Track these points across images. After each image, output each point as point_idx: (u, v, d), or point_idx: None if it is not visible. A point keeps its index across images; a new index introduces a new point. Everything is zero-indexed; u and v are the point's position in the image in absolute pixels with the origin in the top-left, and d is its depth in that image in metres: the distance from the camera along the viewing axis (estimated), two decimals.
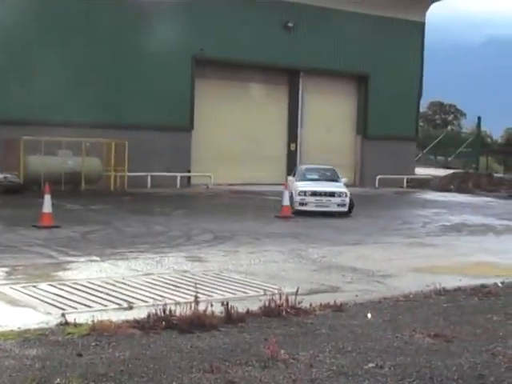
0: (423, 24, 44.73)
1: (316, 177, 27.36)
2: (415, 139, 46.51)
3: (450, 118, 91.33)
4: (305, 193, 24.99)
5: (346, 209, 24.95)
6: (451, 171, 47.39)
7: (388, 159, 41.78)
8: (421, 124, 66.14)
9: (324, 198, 24.92)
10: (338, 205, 24.91)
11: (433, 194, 38.09)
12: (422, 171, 47.95)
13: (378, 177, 41.41)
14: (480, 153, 58.47)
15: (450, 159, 62.44)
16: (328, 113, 42.14)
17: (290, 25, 39.33)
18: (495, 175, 46.57)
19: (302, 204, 24.84)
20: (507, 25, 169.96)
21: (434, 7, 45.05)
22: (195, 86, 36.84)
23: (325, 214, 24.46)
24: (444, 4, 46.22)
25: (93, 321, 8.73)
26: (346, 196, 25.02)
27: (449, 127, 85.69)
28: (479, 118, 58.87)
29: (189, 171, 36.71)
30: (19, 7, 31.13)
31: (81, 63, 33.02)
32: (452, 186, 41.41)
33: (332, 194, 25.02)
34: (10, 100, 31.34)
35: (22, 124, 30.53)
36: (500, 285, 12.46)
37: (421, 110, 54.91)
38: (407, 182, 42.79)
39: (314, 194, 25.00)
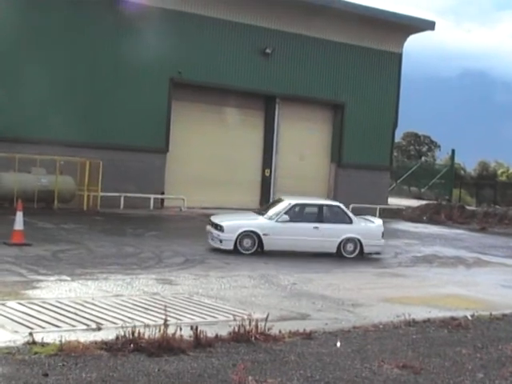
0: (400, 55, 45.09)
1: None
2: (389, 169, 46.71)
3: (425, 149, 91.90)
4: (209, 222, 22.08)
5: (223, 246, 20.61)
6: (424, 202, 47.65)
7: (362, 188, 41.93)
8: (395, 154, 66.49)
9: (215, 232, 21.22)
10: (220, 240, 20.79)
11: (405, 225, 38.21)
12: (395, 201, 48.14)
13: (351, 205, 41.44)
14: (453, 185, 58.89)
15: (423, 190, 62.78)
16: (303, 140, 42.24)
17: (267, 51, 39.50)
18: (468, 208, 46.87)
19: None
20: (482, 58, 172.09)
21: (411, 39, 45.48)
22: (172, 108, 36.83)
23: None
24: (421, 36, 46.60)
25: (60, 341, 8.66)
26: (223, 231, 20.75)
27: (423, 158, 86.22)
28: (453, 151, 59.31)
29: (162, 193, 36.60)
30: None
31: (58, 80, 32.89)
32: (424, 217, 41.61)
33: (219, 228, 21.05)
34: None
35: None
36: (470, 317, 12.51)
37: (396, 140, 55.19)
38: (380, 212, 42.92)
39: (214, 226, 21.39)
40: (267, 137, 41.29)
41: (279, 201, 22.89)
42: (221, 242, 20.61)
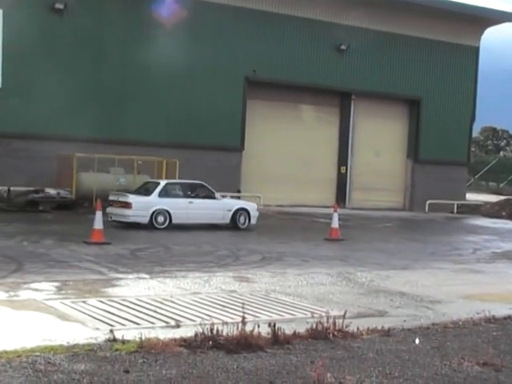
0: (477, 49, 44.45)
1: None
2: (467, 164, 46.12)
3: (503, 143, 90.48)
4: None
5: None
6: (503, 198, 46.86)
7: (438, 184, 41.48)
8: (473, 149, 65.61)
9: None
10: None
11: (483, 221, 37.68)
12: (473, 197, 47.48)
13: (428, 201, 41.09)
14: None
15: (501, 185, 61.78)
16: (379, 136, 42.00)
17: (342, 47, 39.37)
18: None
19: None
20: None
21: (488, 32, 44.78)
22: (247, 106, 37.00)
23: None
24: (499, 29, 45.93)
25: (140, 338, 8.78)
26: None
27: (501, 153, 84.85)
28: None
29: (239, 191, 36.80)
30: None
31: (133, 80, 33.39)
32: (503, 213, 40.92)
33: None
34: (63, 116, 31.71)
35: (75, 141, 30.83)
36: None
37: (473, 135, 54.46)
38: (458, 208, 42.39)
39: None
40: (343, 134, 41.19)
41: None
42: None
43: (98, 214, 19.33)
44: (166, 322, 10.24)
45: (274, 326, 9.31)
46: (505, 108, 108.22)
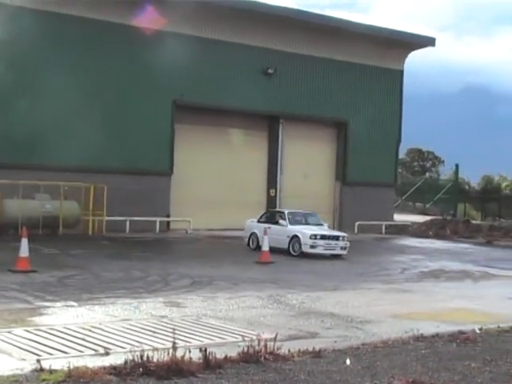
0: (402, 72, 45.24)
1: (303, 221, 28.22)
2: (394, 186, 46.74)
3: (429, 164, 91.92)
4: (315, 236, 26.18)
5: (346, 252, 26.67)
6: (429, 218, 47.62)
7: (367, 205, 41.94)
8: (399, 171, 66.52)
9: (333, 242, 26.51)
10: (341, 248, 26.63)
11: (411, 240, 38.18)
12: (400, 217, 48.08)
13: (356, 223, 41.50)
14: (458, 199, 58.84)
15: (428, 206, 62.71)
16: (308, 159, 42.32)
17: (270, 71, 39.64)
18: (473, 222, 46.82)
19: (312, 247, 26.05)
20: (483, 72, 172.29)
21: (412, 56, 45.61)
22: (175, 130, 36.93)
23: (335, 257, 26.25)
24: (422, 52, 46.80)
25: (69, 367, 8.63)
26: (348, 240, 26.91)
27: (427, 174, 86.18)
28: (457, 165, 59.40)
29: (168, 216, 36.65)
30: None
31: (60, 106, 33.02)
32: (430, 233, 41.58)
33: (337, 238, 26.80)
34: None
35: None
36: (478, 331, 12.47)
37: (400, 156, 55.23)
38: (386, 228, 42.89)
39: (323, 237, 26.34)
40: (271, 157, 41.39)
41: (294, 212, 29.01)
42: (345, 248, 26.64)
43: (24, 242, 18.95)
44: (95, 350, 10.10)
45: (205, 350, 9.26)
46: (430, 130, 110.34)
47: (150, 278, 18.81)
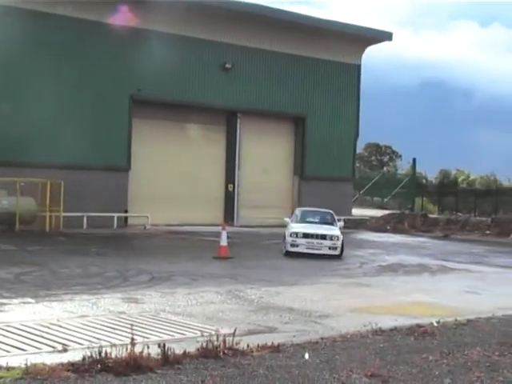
0: (359, 66, 45.45)
1: (313, 219, 27.42)
2: (352, 180, 46.97)
3: (386, 159, 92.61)
4: (296, 234, 25.10)
5: (337, 252, 25.11)
6: (387, 212, 47.97)
7: (325, 200, 41.99)
8: (357, 165, 66.91)
9: (315, 241, 25.06)
10: (330, 248, 25.10)
11: (369, 235, 38.42)
12: (358, 212, 48.36)
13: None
14: (415, 194, 59.34)
15: (386, 200, 63.18)
16: (266, 154, 42.35)
17: (227, 66, 39.60)
18: (430, 216, 47.24)
19: (293, 245, 25.02)
20: (441, 67, 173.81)
21: (370, 50, 45.86)
22: (133, 125, 36.75)
23: (317, 256, 24.76)
24: (380, 47, 47.08)
25: (26, 364, 8.55)
26: (338, 239, 25.24)
27: (385, 168, 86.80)
28: (414, 160, 59.88)
29: (126, 211, 36.46)
30: None
31: (16, 100, 32.70)
32: (388, 227, 41.88)
33: (324, 237, 25.16)
34: None
35: None
36: (435, 324, 12.57)
37: (357, 151, 55.54)
38: (344, 223, 43.02)
39: (306, 236, 25.09)
40: (229, 152, 41.36)
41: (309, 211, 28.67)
42: (335, 249, 25.12)
43: None
44: (53, 347, 10.01)
45: (164, 346, 9.22)
46: (387, 124, 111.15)
47: (108, 274, 18.69)
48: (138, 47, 36.23)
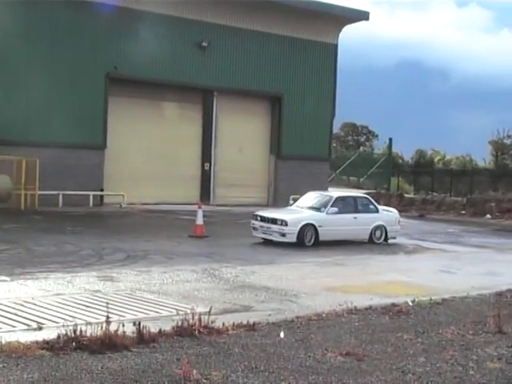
0: (336, 46, 45.38)
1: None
2: (328, 159, 47.02)
3: (363, 139, 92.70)
4: (256, 217, 23.28)
5: (287, 239, 22.09)
6: (363, 191, 48.07)
7: (302, 179, 42.10)
8: (334, 145, 67.00)
9: (265, 225, 22.68)
10: (281, 234, 22.21)
11: None
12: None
13: (291, 196, 41.65)
14: (391, 173, 59.56)
15: (362, 180, 63.34)
16: (242, 133, 42.30)
17: (204, 44, 39.42)
18: (406, 195, 47.47)
19: (254, 229, 23.29)
20: (417, 47, 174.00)
21: (346, 30, 45.79)
22: (109, 104, 36.54)
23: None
24: (357, 27, 47.02)
25: (0, 342, 8.52)
26: (287, 225, 22.10)
27: (361, 148, 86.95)
28: (390, 140, 60.03)
29: (102, 190, 36.31)
30: None
31: None
32: None
33: (275, 221, 22.45)
34: None
35: None
36: (410, 303, 12.65)
37: (334, 131, 55.60)
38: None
39: (263, 219, 22.87)
40: (206, 130, 41.25)
41: (313, 195, 25.15)
42: (284, 235, 22.17)
43: None
44: (28, 325, 9.98)
45: (139, 324, 9.22)
46: (364, 104, 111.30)
47: (84, 252, 18.64)
48: (114, 25, 36.01)
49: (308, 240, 22.39)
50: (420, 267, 18.94)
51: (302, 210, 23.90)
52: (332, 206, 23.27)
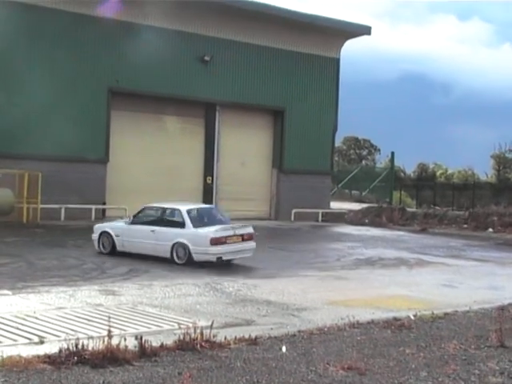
0: (338, 60, 45.44)
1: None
2: (330, 173, 47.00)
3: (365, 152, 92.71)
4: None
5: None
6: (365, 205, 48.05)
7: (304, 193, 42.12)
8: (336, 159, 66.97)
9: None
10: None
11: (347, 228, 38.49)
12: (337, 205, 48.43)
13: (293, 210, 41.69)
14: (393, 187, 59.52)
15: (364, 193, 63.29)
16: (244, 146, 42.30)
17: (206, 58, 39.47)
18: (408, 209, 47.39)
19: None
20: (420, 60, 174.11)
21: (348, 44, 45.86)
22: (111, 117, 36.57)
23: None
24: (359, 41, 47.05)
25: (2, 356, 8.52)
26: (93, 232, 22.51)
27: (363, 162, 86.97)
28: (392, 153, 60.05)
29: (104, 203, 36.30)
30: None
31: None
32: (366, 220, 41.95)
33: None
34: None
35: None
36: (412, 317, 12.63)
37: (336, 144, 55.57)
38: (322, 216, 43.15)
39: None
40: (208, 144, 41.23)
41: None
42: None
43: None
44: (29, 339, 9.98)
45: (141, 338, 9.22)
46: (366, 118, 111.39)
47: (86, 266, 18.64)
48: (116, 39, 36.06)
49: (105, 248, 21.69)
50: (422, 281, 18.91)
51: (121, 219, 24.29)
52: (135, 217, 22.00)
